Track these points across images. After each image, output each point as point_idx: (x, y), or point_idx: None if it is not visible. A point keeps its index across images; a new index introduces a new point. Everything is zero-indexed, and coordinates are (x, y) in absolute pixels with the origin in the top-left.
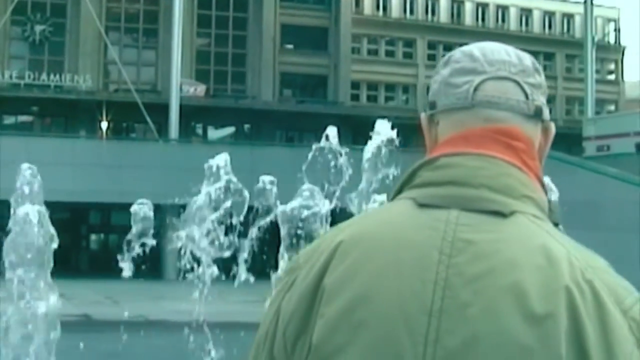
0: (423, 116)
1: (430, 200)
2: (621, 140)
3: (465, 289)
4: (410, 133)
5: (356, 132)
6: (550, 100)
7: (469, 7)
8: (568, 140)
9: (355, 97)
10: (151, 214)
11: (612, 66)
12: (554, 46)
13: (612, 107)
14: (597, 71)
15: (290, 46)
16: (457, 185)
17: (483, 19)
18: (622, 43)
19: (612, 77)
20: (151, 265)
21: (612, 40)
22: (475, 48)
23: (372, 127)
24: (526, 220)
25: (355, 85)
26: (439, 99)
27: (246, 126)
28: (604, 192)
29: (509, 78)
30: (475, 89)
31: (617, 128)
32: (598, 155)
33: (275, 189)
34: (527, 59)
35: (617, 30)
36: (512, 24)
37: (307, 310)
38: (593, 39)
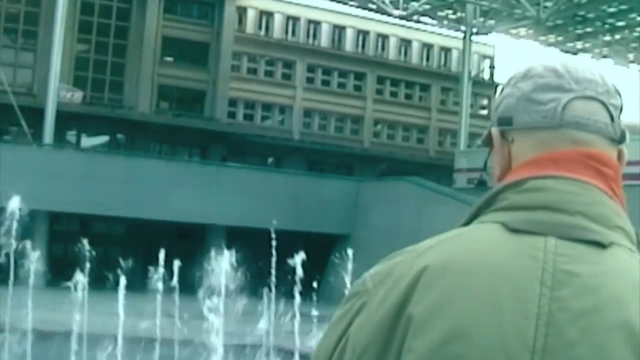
0: (495, 132)
1: (524, 226)
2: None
3: (571, 326)
4: (284, 154)
5: (231, 149)
6: (424, 130)
7: (350, 34)
8: (439, 171)
9: (232, 115)
10: None
11: (485, 101)
12: (431, 78)
13: None
14: (471, 105)
15: (170, 59)
16: (551, 211)
17: (363, 46)
18: (496, 80)
19: (484, 112)
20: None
21: (486, 77)
22: (558, 63)
23: (247, 145)
24: (623, 252)
25: (232, 102)
26: (517, 115)
27: (120, 136)
28: None
29: (596, 98)
30: (563, 108)
31: (488, 162)
32: (468, 187)
33: None
34: (609, 80)
35: (492, 67)
36: (392, 53)
37: (386, 341)
38: (470, 73)
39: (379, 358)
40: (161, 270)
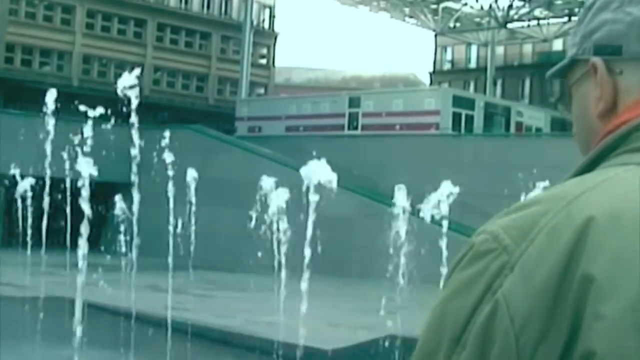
0: (599, 62)
1: None
2: (272, 123)
3: None
4: (63, 100)
5: (8, 96)
6: (204, 78)
7: None
8: (219, 120)
9: (10, 60)
10: None
11: (264, 51)
12: (211, 26)
13: (262, 91)
14: (252, 54)
15: None
16: None
17: None
18: (276, 29)
19: (263, 61)
20: None
21: (266, 26)
22: None
23: (24, 92)
24: None
25: (10, 47)
26: (628, 43)
27: None
28: (257, 172)
29: None
30: None
31: (269, 111)
32: (250, 135)
33: None
34: None
35: (272, 17)
36: (173, 0)
37: (553, 306)
38: (252, 22)
39: (546, 327)
40: None
